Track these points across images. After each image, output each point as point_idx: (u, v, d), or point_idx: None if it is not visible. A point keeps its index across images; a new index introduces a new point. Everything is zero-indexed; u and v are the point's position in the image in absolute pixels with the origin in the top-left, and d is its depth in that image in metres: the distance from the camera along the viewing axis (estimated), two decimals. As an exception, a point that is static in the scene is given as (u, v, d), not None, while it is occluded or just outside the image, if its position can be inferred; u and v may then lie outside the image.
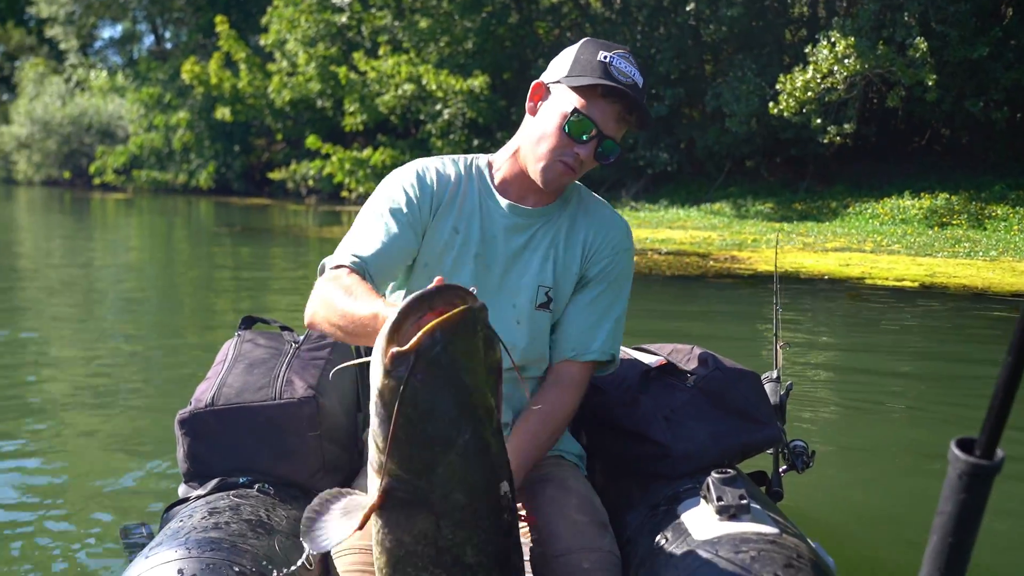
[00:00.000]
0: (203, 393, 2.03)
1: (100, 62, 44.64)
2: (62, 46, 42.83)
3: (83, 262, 11.75)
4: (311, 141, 24.07)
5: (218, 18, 28.24)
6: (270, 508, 1.87)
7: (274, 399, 2.00)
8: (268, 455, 1.99)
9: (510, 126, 22.35)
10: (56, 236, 16.32)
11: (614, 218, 2.07)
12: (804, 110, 15.24)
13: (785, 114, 15.36)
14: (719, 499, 1.74)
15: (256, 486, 1.94)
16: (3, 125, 44.34)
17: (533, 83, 1.98)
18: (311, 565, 1.67)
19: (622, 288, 2.05)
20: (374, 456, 1.37)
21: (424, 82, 22.10)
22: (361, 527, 1.33)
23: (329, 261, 1.84)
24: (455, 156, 2.05)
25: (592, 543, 1.78)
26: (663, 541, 1.77)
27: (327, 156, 23.73)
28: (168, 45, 41.71)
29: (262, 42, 26.95)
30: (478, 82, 21.56)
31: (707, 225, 14.85)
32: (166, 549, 1.61)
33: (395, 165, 22.40)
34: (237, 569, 1.57)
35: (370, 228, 1.90)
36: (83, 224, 20.26)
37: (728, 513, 1.72)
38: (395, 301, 1.80)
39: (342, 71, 23.52)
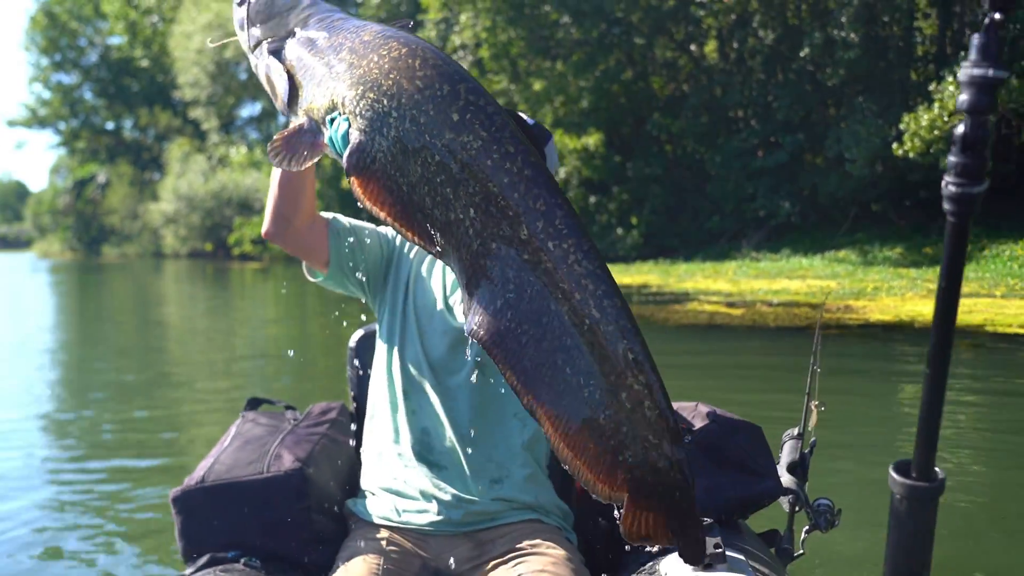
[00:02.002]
0: (197, 471, 2.06)
1: (240, 139, 47.46)
2: (204, 126, 45.78)
3: (224, 327, 12.36)
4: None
5: (344, 92, 29.64)
6: None
7: (261, 473, 2.02)
8: (256, 529, 1.99)
9: (626, 181, 22.36)
10: (200, 302, 17.28)
11: None
12: (931, 150, 14.60)
13: (911, 155, 14.76)
14: None
15: (243, 560, 1.95)
16: (152, 203, 47.50)
17: None
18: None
19: None
20: (250, 49, 1.65)
21: (539, 142, 22.42)
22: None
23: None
24: None
25: None
26: None
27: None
28: (301, 120, 43.94)
29: (385, 112, 28.05)
30: (592, 140, 21.73)
31: (829, 274, 14.30)
32: None
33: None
34: None
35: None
36: (223, 292, 21.38)
37: (703, 562, 1.69)
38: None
39: (460, 136, 24.17)
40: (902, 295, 11.06)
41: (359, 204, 1.31)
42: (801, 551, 2.15)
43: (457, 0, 24.94)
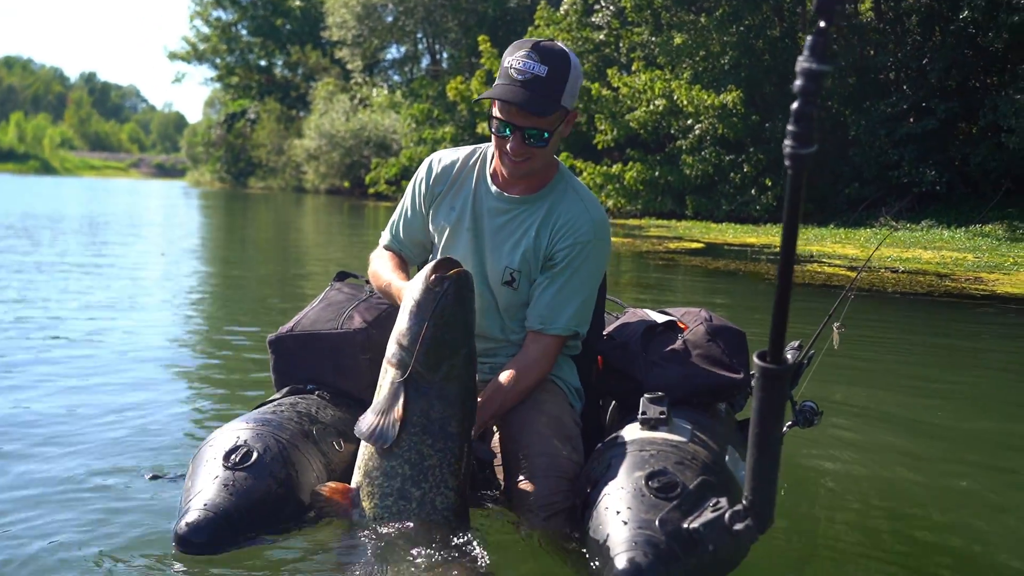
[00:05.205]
0: (289, 323, 2.68)
1: (382, 81, 48.58)
2: (349, 66, 47.09)
3: (351, 241, 13.06)
4: (563, 157, 24.77)
5: (480, 38, 29.88)
6: (321, 407, 2.50)
7: (336, 329, 2.59)
8: (330, 371, 2.59)
9: (763, 142, 21.83)
10: (334, 227, 18.21)
11: (582, 212, 2.44)
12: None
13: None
14: (643, 413, 2.21)
15: (316, 392, 2.57)
16: (296, 139, 49.36)
17: None
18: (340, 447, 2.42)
19: (588, 274, 2.47)
20: (395, 352, 2.09)
21: (675, 97, 22.12)
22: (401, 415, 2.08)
23: (381, 238, 2.72)
24: (472, 146, 2.58)
25: (550, 450, 2.22)
26: (600, 446, 2.25)
27: (579, 172, 24.36)
28: (444, 65, 44.60)
29: (522, 60, 28.13)
30: (731, 97, 21.26)
31: (969, 247, 13.61)
32: (236, 422, 2.33)
33: (645, 181, 22.13)
34: (275, 438, 2.22)
35: (399, 213, 2.68)
36: (356, 221, 22.28)
37: (649, 424, 2.18)
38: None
39: (595, 87, 24.06)
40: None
41: None
42: None
43: (603, -52, 24.67)
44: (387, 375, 2.13)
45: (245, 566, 2.03)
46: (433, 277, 2.09)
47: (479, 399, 2.37)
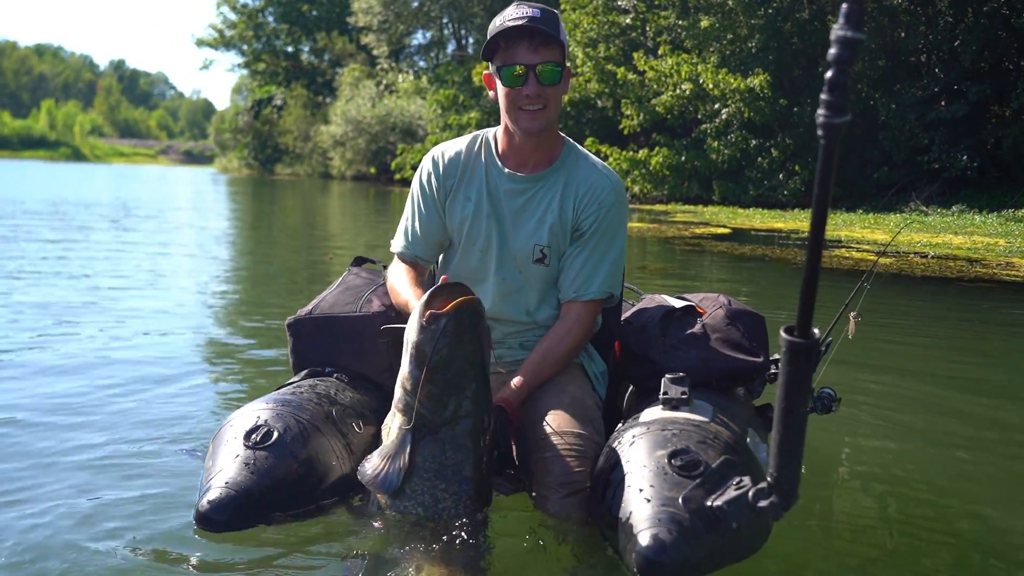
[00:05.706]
0: (308, 306, 2.68)
1: (408, 67, 48.56)
2: (375, 52, 47.09)
3: (376, 223, 13.13)
4: (589, 143, 24.61)
5: (509, 23, 29.75)
6: (339, 389, 2.50)
7: (354, 312, 2.61)
8: (348, 354, 2.59)
9: (791, 126, 21.61)
10: (362, 212, 18.30)
11: (601, 178, 2.51)
12: None
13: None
14: (664, 393, 2.22)
15: (335, 375, 2.57)
16: (323, 125, 49.47)
17: (484, 75, 2.49)
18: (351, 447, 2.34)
19: (614, 236, 2.50)
20: (400, 396, 2.02)
21: (702, 81, 21.91)
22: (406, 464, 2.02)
23: (393, 246, 2.65)
24: (469, 135, 2.60)
25: (571, 430, 2.24)
26: (621, 425, 2.27)
27: (604, 157, 24.21)
28: (470, 51, 44.50)
29: (547, 45, 27.99)
30: (758, 81, 21.04)
31: (1001, 232, 13.35)
32: (256, 403, 2.34)
33: (671, 166, 22.00)
34: (295, 419, 2.23)
35: (409, 217, 2.61)
36: (381, 207, 22.39)
37: (670, 404, 2.20)
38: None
39: (620, 71, 23.88)
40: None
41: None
42: None
43: (630, -69, 24.43)
44: (395, 419, 2.08)
45: (264, 545, 2.04)
46: (428, 314, 2.00)
47: (517, 376, 2.37)
